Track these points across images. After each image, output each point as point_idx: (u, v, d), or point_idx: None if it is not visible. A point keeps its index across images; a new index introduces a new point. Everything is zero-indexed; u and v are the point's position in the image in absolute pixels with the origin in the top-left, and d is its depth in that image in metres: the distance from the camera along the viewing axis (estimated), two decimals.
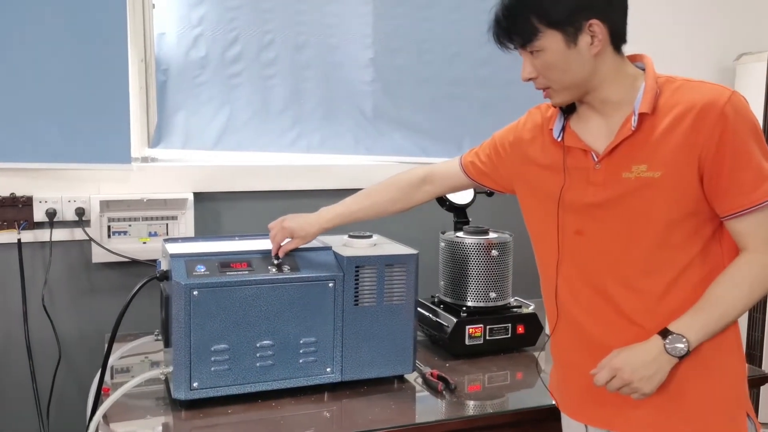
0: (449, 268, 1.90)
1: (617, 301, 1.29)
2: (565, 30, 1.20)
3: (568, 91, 1.27)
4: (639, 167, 1.24)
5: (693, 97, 1.21)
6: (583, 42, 1.21)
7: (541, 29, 1.21)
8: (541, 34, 1.22)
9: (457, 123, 2.46)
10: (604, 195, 1.27)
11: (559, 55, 1.22)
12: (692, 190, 1.22)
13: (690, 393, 1.26)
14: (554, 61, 1.23)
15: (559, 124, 1.35)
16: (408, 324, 1.64)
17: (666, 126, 1.22)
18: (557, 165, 1.34)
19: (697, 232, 1.24)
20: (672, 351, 1.21)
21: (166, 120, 2.14)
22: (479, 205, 2.05)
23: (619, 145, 1.26)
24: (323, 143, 2.32)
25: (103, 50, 2.00)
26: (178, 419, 1.49)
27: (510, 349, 1.89)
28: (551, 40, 1.21)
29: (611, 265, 1.29)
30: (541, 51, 1.23)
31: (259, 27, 2.22)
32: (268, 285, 1.52)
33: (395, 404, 1.57)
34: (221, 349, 1.49)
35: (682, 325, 1.22)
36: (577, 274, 1.33)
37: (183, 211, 2.11)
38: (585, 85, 1.26)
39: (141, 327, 1.88)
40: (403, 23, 2.37)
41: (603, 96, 1.28)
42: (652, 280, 1.26)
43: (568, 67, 1.23)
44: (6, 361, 2.03)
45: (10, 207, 1.97)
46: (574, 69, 1.23)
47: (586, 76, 1.24)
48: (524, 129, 1.46)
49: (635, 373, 1.21)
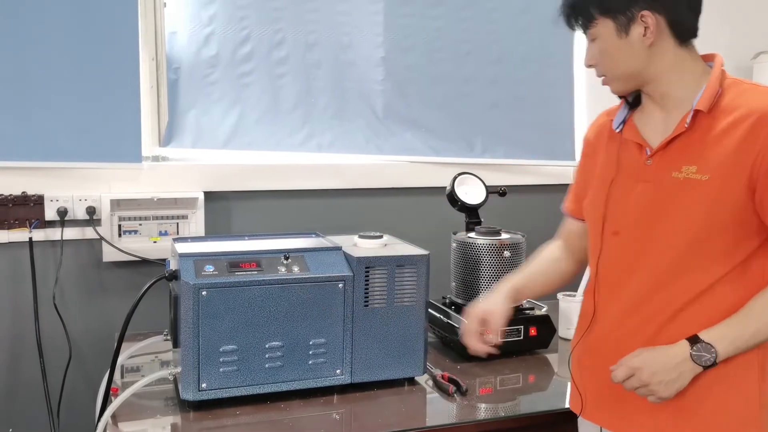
0: (461, 269, 1.88)
1: (646, 304, 1.26)
2: (617, 19, 1.21)
3: (621, 80, 1.27)
4: (689, 168, 1.20)
5: (755, 102, 1.18)
6: (635, 32, 1.20)
7: (596, 16, 1.23)
8: (596, 21, 1.23)
9: (468, 122, 2.44)
10: (651, 193, 1.24)
11: (611, 43, 1.22)
12: (739, 197, 1.17)
13: (708, 405, 1.23)
14: (607, 49, 1.24)
15: (621, 115, 1.33)
16: (419, 325, 1.63)
17: (723, 128, 1.19)
18: (612, 157, 1.33)
19: (739, 245, 1.20)
20: (697, 359, 1.18)
21: (176, 119, 2.14)
22: (491, 206, 2.03)
23: (673, 142, 1.23)
24: (334, 142, 2.30)
25: (115, 49, 2.00)
26: (186, 420, 1.48)
27: (522, 351, 1.86)
28: (604, 27, 1.22)
29: (645, 268, 1.25)
30: (597, 38, 1.24)
31: (270, 26, 2.21)
32: (278, 285, 1.51)
33: (405, 407, 1.55)
34: (230, 350, 1.48)
35: (714, 335, 1.19)
36: (612, 274, 1.31)
37: (193, 210, 2.11)
38: (640, 77, 1.25)
39: (151, 326, 1.87)
40: (414, 22, 2.35)
41: (662, 90, 1.25)
42: (683, 285, 1.21)
43: (619, 56, 1.23)
44: (17, 360, 2.03)
45: (22, 206, 1.97)
46: (626, 59, 1.23)
47: (639, 67, 1.23)
48: (589, 132, 1.46)
49: (655, 376, 1.19)
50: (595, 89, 2.52)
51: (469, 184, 2.03)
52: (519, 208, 2.46)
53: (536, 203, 2.54)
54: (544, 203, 2.56)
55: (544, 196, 2.55)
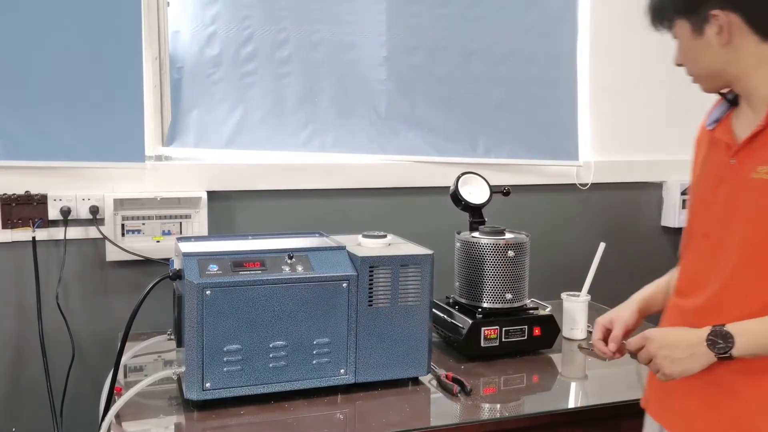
0: (465, 269, 1.88)
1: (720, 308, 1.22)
2: (691, 19, 1.22)
3: (705, 79, 1.28)
4: (763, 168, 1.17)
5: None
6: (710, 32, 1.20)
7: (674, 18, 1.26)
8: (675, 23, 1.26)
9: (472, 122, 2.43)
10: (730, 194, 1.22)
11: (689, 43, 1.24)
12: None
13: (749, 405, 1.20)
14: (687, 49, 1.26)
15: (716, 114, 1.32)
16: (423, 325, 1.62)
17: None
18: (702, 157, 1.33)
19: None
20: (712, 345, 1.15)
21: (180, 118, 2.14)
22: (495, 205, 2.03)
23: (753, 141, 1.20)
24: (337, 142, 2.30)
25: (118, 48, 1.99)
26: (190, 420, 1.48)
27: (526, 351, 1.86)
28: (682, 28, 1.25)
29: (723, 270, 1.22)
30: (678, 39, 1.27)
31: (273, 25, 2.21)
32: (282, 285, 1.51)
33: (409, 407, 1.55)
34: (234, 350, 1.48)
35: (739, 327, 1.16)
36: (697, 274, 1.30)
37: (197, 209, 2.11)
38: (723, 75, 1.24)
39: (155, 326, 1.87)
40: (419, 21, 2.35)
41: (748, 88, 1.23)
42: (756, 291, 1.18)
43: (698, 55, 1.24)
44: (20, 359, 2.03)
45: (25, 205, 1.97)
46: (705, 58, 1.24)
47: (719, 65, 1.23)
48: (698, 132, 1.42)
49: (661, 350, 1.18)
50: (596, 90, 2.55)
51: (472, 184, 2.02)
52: (523, 208, 2.46)
53: (540, 203, 2.54)
54: (547, 203, 2.56)
55: (548, 195, 2.55)
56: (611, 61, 2.58)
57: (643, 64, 2.60)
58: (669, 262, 2.73)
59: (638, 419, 1.45)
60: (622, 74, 2.59)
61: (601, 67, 2.56)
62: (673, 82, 2.67)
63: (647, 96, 2.64)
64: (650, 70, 2.61)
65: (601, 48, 2.55)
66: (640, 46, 2.60)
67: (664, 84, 2.64)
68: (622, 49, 2.58)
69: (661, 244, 2.74)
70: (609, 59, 2.57)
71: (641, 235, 2.66)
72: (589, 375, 1.85)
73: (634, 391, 1.63)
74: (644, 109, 2.64)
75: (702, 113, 1.39)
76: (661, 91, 2.64)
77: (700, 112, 1.41)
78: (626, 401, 1.58)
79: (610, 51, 2.57)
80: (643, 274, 2.70)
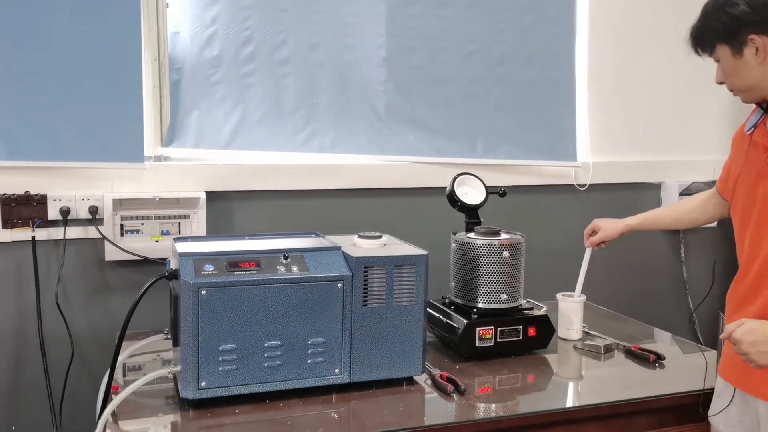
0: (460, 269, 1.89)
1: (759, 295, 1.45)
2: (731, 44, 1.43)
3: (744, 93, 1.48)
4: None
5: None
6: (749, 53, 1.42)
7: (715, 44, 1.47)
8: (715, 48, 1.47)
9: (471, 123, 2.44)
10: None
11: (730, 64, 1.45)
12: None
13: None
14: (728, 69, 1.46)
15: (754, 119, 1.53)
16: (417, 325, 1.63)
17: None
18: (740, 157, 1.54)
19: None
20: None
21: (179, 119, 2.15)
22: (491, 206, 2.03)
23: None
24: (336, 143, 2.31)
25: (117, 49, 2.01)
26: (186, 418, 1.49)
27: (521, 351, 1.86)
28: (723, 52, 1.46)
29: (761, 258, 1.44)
30: (720, 61, 1.48)
31: (273, 26, 2.22)
32: (277, 285, 1.52)
33: (404, 406, 1.56)
34: (229, 349, 1.49)
35: None
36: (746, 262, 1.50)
37: (195, 210, 2.12)
38: (761, 88, 1.44)
39: (153, 325, 1.88)
40: (418, 22, 2.36)
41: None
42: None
43: (739, 74, 1.45)
44: (20, 358, 2.05)
45: (25, 205, 1.99)
46: (744, 75, 1.45)
47: (757, 81, 1.44)
48: (738, 132, 1.63)
49: (753, 345, 1.33)
50: (594, 91, 2.55)
51: (469, 185, 2.03)
52: (521, 209, 2.46)
53: (538, 203, 2.55)
54: (546, 203, 2.56)
55: (546, 196, 2.56)
56: (609, 62, 2.58)
57: (641, 65, 2.61)
58: (667, 262, 2.77)
59: (632, 418, 1.46)
60: (620, 75, 2.60)
61: (600, 69, 2.56)
62: (671, 84, 2.69)
63: (645, 97, 2.64)
64: (648, 72, 2.62)
65: (599, 49, 2.56)
66: (638, 48, 2.60)
67: (662, 85, 2.64)
68: (620, 51, 2.59)
69: (659, 245, 2.74)
70: (607, 60, 2.58)
71: (639, 236, 2.65)
72: (584, 375, 1.85)
73: (627, 390, 1.64)
74: (642, 110, 2.64)
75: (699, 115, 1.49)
76: (659, 92, 2.65)
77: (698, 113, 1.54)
78: (620, 401, 1.59)
79: (608, 52, 2.58)
80: (640, 274, 2.73)
